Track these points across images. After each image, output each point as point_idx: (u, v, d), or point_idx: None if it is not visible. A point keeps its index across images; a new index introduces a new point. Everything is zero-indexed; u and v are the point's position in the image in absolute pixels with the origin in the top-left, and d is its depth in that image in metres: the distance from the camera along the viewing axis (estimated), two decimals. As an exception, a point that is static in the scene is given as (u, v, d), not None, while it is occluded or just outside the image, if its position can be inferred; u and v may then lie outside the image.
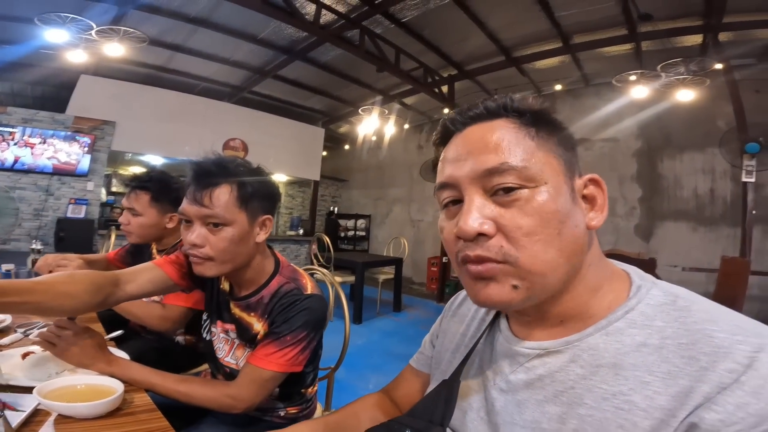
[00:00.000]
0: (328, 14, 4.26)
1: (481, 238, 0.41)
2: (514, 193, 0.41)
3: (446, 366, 0.58)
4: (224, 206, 0.87)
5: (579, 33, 4.38)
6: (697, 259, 4.57)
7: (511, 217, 0.41)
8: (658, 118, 4.96)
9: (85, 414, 0.69)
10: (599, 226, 0.44)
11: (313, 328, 0.92)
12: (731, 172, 4.45)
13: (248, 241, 0.91)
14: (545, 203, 0.41)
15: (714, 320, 0.37)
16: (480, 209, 0.42)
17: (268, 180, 0.97)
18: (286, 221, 8.53)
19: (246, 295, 0.97)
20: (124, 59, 4.71)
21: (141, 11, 4.14)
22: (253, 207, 0.91)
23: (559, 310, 0.45)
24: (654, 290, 0.43)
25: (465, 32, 4.51)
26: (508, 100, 0.46)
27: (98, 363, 0.86)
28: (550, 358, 0.44)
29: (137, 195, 1.42)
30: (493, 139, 0.43)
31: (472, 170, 0.43)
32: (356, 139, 8.79)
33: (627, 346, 0.39)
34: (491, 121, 0.45)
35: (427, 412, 0.49)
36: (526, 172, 0.41)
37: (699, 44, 4.17)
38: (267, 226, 0.94)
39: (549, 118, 0.46)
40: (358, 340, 3.70)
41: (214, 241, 0.87)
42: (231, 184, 0.88)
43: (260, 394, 0.90)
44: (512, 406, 0.45)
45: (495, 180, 0.42)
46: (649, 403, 0.35)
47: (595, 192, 0.46)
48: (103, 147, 5.31)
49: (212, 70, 5.84)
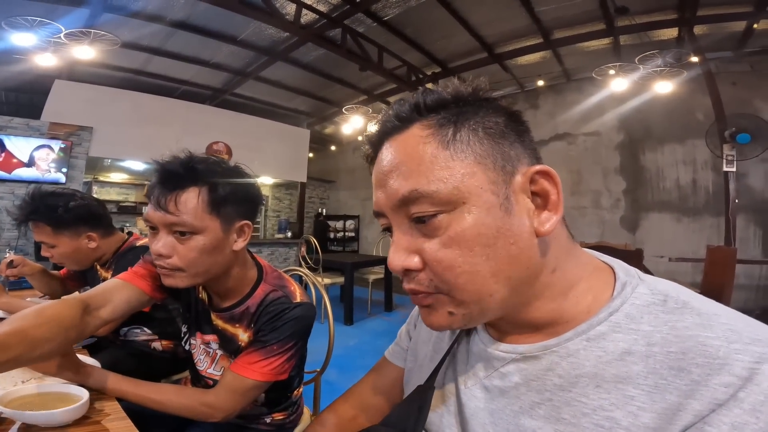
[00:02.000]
0: (308, 14, 4.22)
1: (411, 272, 0.39)
2: (431, 222, 0.37)
3: (422, 362, 0.55)
4: (192, 213, 0.76)
5: (559, 28, 4.44)
6: (683, 249, 4.66)
7: (431, 251, 0.37)
8: (638, 111, 5.05)
9: (50, 422, 0.66)
10: (552, 230, 0.38)
11: (301, 337, 0.88)
12: (712, 163, 4.55)
13: (223, 250, 0.81)
14: (463, 229, 0.36)
15: (708, 325, 0.33)
16: (404, 243, 0.39)
17: (246, 181, 0.86)
18: (273, 224, 8.45)
19: (229, 306, 0.90)
20: (99, 63, 4.61)
21: (116, 15, 4.05)
22: (228, 212, 0.81)
23: (528, 318, 0.41)
24: (640, 287, 0.38)
25: (447, 29, 4.52)
26: (420, 98, 0.39)
27: (66, 371, 0.81)
28: (526, 364, 0.40)
29: (37, 226, 1.26)
30: (401, 160, 0.38)
31: (388, 199, 0.39)
32: (342, 140, 8.78)
33: (610, 353, 0.35)
34: (403, 131, 0.40)
35: (401, 420, 0.46)
36: (439, 195, 0.36)
37: (675, 38, 4.26)
38: (246, 232, 0.85)
39: (479, 105, 0.39)
40: (349, 341, 3.66)
41: (182, 251, 0.77)
42: (200, 188, 0.78)
43: (240, 403, 0.85)
44: (485, 414, 0.42)
45: (411, 209, 0.37)
46: (632, 420, 0.31)
47: (547, 187, 0.38)
48: (80, 153, 5.18)
49: (192, 72, 5.75)
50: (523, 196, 0.38)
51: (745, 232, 4.35)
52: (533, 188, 0.38)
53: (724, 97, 3.95)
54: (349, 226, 8.67)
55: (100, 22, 4.12)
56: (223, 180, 0.81)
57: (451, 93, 0.39)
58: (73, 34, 3.70)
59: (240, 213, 0.83)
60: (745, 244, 4.26)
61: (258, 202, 0.89)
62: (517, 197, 0.38)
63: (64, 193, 1.30)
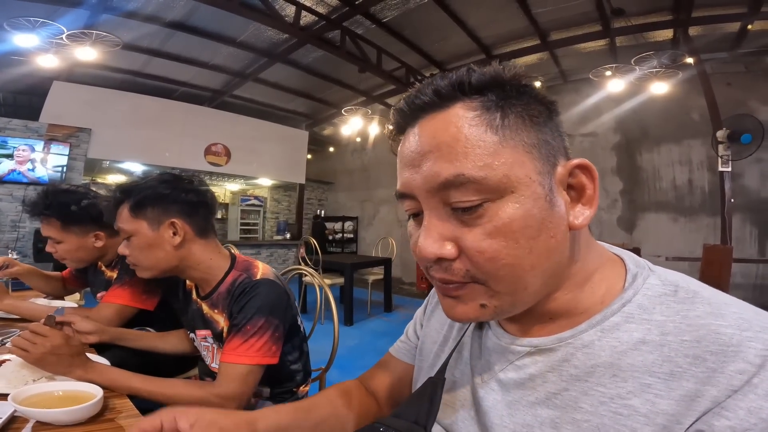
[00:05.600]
0: (308, 15, 4.24)
1: (443, 261, 0.37)
2: (475, 211, 0.35)
3: (433, 360, 0.55)
4: (124, 220, 0.96)
5: (556, 30, 4.47)
6: (679, 248, 4.69)
7: (472, 240, 0.35)
8: (634, 112, 5.09)
9: (64, 420, 0.66)
10: (586, 225, 0.38)
11: (269, 312, 0.91)
12: (708, 163, 4.58)
13: (161, 246, 0.95)
14: (512, 219, 0.35)
15: (720, 314, 0.33)
16: (439, 229, 0.37)
17: (160, 184, 0.97)
18: (272, 226, 8.45)
19: (209, 292, 1.01)
20: (98, 64, 4.60)
21: (116, 16, 4.05)
22: (151, 214, 0.95)
23: (545, 309, 0.41)
24: (651, 279, 0.39)
25: (445, 31, 4.55)
26: (464, 77, 0.37)
27: (76, 370, 0.82)
28: (542, 357, 0.40)
29: (48, 221, 1.29)
30: (445, 140, 0.36)
31: (425, 182, 0.37)
32: (341, 142, 8.79)
33: (624, 343, 0.35)
34: (445, 110, 0.37)
35: (412, 412, 0.45)
36: (487, 182, 0.34)
37: (670, 39, 4.30)
38: (177, 227, 0.95)
39: (521, 91, 0.37)
40: (350, 342, 3.67)
41: (130, 251, 0.97)
42: (126, 199, 0.97)
43: (243, 389, 0.88)
44: (502, 407, 0.42)
45: (452, 195, 0.35)
46: (650, 407, 0.32)
47: (584, 181, 0.38)
48: (79, 155, 5.17)
49: (191, 74, 5.75)
50: (560, 188, 0.38)
51: (741, 231, 4.39)
52: (570, 181, 0.38)
53: (718, 98, 3.99)
54: (347, 227, 8.67)
55: (100, 24, 4.13)
56: (141, 188, 0.97)
57: (492, 75, 0.37)
58: (74, 35, 3.70)
59: (165, 212, 0.96)
60: (742, 243, 4.30)
61: (179, 200, 0.97)
62: (558, 189, 0.37)
63: (77, 191, 1.35)
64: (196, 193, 1.00)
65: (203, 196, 1.01)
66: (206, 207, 1.01)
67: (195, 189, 1.00)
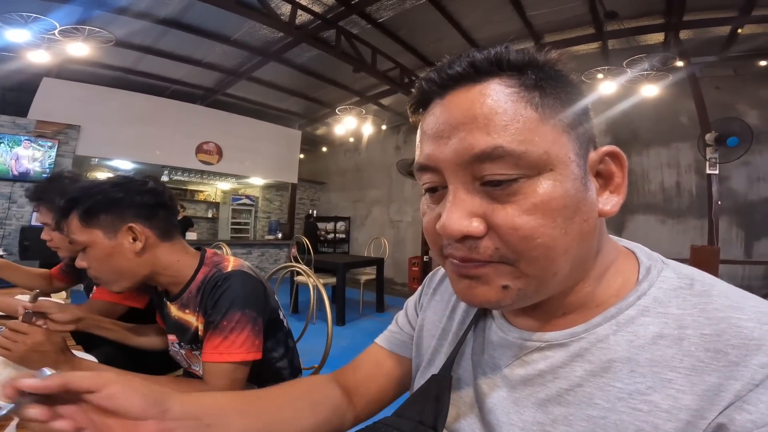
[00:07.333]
0: (303, 14, 4.22)
1: (468, 239, 0.35)
2: (510, 186, 0.33)
3: (432, 355, 0.53)
4: (75, 231, 0.87)
5: (549, 32, 4.51)
6: (667, 250, 4.72)
7: (505, 216, 0.33)
8: (625, 114, 5.13)
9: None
10: (614, 212, 0.37)
11: (244, 305, 0.87)
12: (695, 166, 4.66)
13: (122, 255, 0.87)
14: (551, 197, 0.33)
15: (738, 307, 0.33)
16: (467, 205, 0.35)
17: (111, 188, 0.89)
18: (264, 225, 8.40)
19: (178, 293, 0.96)
20: (89, 61, 4.54)
21: (109, 12, 3.99)
22: (105, 221, 0.87)
23: (562, 302, 0.39)
24: (666, 272, 0.38)
25: (440, 32, 4.56)
26: (503, 52, 0.35)
27: (62, 366, 0.80)
28: (552, 352, 0.39)
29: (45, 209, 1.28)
30: (482, 111, 0.34)
31: (456, 154, 0.34)
32: (334, 142, 8.77)
33: (641, 338, 0.35)
34: (481, 83, 0.35)
35: (417, 412, 0.43)
36: (527, 157, 0.33)
37: (661, 42, 4.36)
38: (137, 232, 0.88)
39: (558, 75, 0.36)
40: (342, 342, 3.66)
41: (89, 263, 0.89)
42: (74, 208, 0.88)
43: (230, 387, 0.86)
44: (508, 404, 0.40)
45: (486, 168, 0.33)
46: (672, 403, 0.31)
47: (613, 169, 0.38)
48: (67, 152, 5.09)
49: (184, 72, 5.69)
50: (591, 174, 0.37)
51: (728, 233, 4.46)
52: (600, 168, 0.38)
53: (707, 101, 4.05)
54: (339, 227, 8.65)
55: (93, 20, 4.07)
56: (87, 196, 0.88)
57: (531, 56, 0.36)
58: (66, 31, 3.64)
59: (121, 218, 0.88)
60: (728, 245, 4.37)
61: (134, 203, 0.89)
62: (590, 175, 0.37)
63: (79, 179, 1.33)
64: (152, 194, 0.92)
65: (161, 196, 0.94)
66: (165, 208, 0.94)
67: (151, 190, 0.93)
